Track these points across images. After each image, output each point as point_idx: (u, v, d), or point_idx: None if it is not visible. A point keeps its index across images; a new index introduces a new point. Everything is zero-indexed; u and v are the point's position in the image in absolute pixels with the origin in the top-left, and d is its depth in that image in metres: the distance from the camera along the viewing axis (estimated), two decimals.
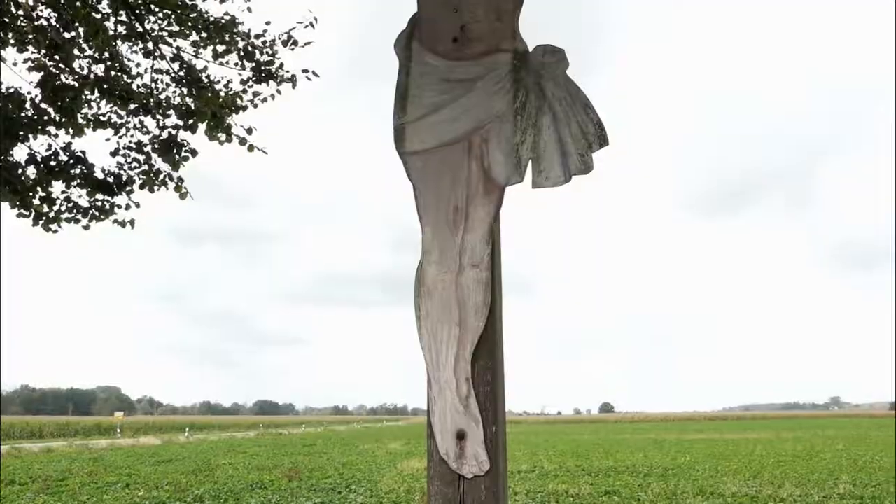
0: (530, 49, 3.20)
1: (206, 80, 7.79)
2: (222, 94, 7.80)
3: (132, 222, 7.68)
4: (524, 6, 3.33)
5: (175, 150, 7.63)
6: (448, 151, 3.18)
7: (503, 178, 3.09)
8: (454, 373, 2.94)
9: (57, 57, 7.11)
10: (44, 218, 7.22)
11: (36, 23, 7.04)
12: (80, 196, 7.40)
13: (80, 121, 7.38)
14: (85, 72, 7.40)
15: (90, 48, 7.42)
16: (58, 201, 7.30)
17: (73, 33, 7.14)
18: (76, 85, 7.29)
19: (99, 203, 7.45)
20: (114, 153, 7.70)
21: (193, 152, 7.80)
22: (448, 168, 3.16)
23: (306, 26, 8.12)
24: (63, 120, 7.16)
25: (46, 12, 7.26)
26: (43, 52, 7.23)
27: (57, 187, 7.27)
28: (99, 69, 7.50)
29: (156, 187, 7.71)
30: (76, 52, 7.22)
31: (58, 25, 7.07)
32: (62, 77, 7.26)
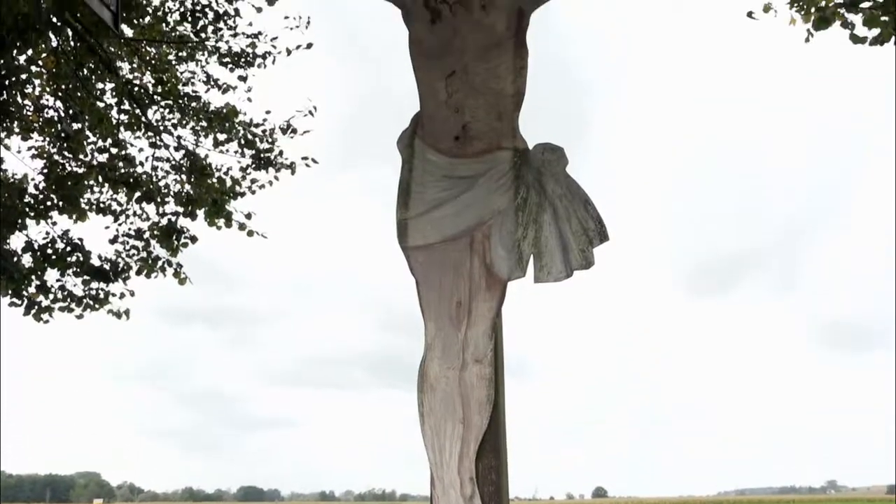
0: (530, 147, 3.31)
1: (207, 168, 7.95)
2: (222, 180, 7.94)
3: (127, 312, 7.67)
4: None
5: (175, 237, 7.71)
6: (450, 247, 3.23)
7: (505, 273, 3.14)
8: (458, 472, 2.90)
9: (65, 146, 7.25)
10: (35, 307, 7.21)
11: (43, 113, 7.22)
12: (75, 285, 7.41)
13: (83, 206, 7.47)
14: (89, 158, 7.54)
15: (94, 135, 7.57)
16: (52, 290, 7.31)
17: (82, 124, 7.30)
18: (80, 172, 7.41)
19: (93, 292, 7.48)
20: (112, 240, 7.77)
21: (193, 239, 7.89)
22: (450, 263, 3.21)
23: (305, 115, 8.35)
24: (65, 206, 7.25)
25: (52, 101, 7.46)
26: (47, 139, 7.38)
27: (51, 275, 7.30)
28: (103, 157, 7.65)
29: (154, 274, 7.75)
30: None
31: (66, 117, 7.23)
32: (67, 165, 7.40)
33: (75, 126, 7.19)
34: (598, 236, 3.10)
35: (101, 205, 7.82)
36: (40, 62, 7.21)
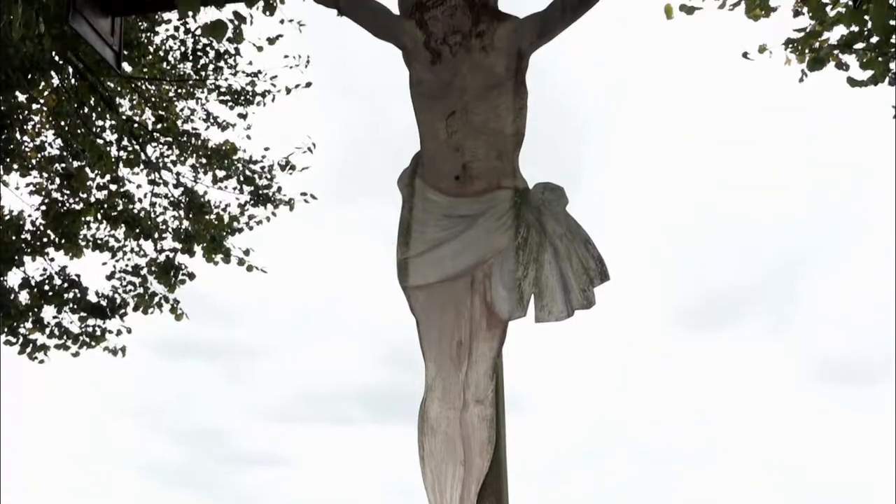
0: (530, 186, 3.31)
1: (206, 205, 7.95)
2: (221, 217, 7.94)
3: (123, 349, 7.61)
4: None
5: (172, 273, 7.70)
6: (451, 286, 3.21)
7: (506, 312, 3.11)
8: None
9: (66, 184, 7.28)
10: (31, 346, 7.15)
11: (44, 150, 7.26)
12: (72, 322, 7.37)
13: (80, 242, 7.46)
14: (87, 196, 7.55)
15: (92, 172, 7.60)
16: (49, 326, 7.26)
17: (83, 162, 7.33)
18: (79, 209, 7.42)
19: (90, 329, 7.43)
20: (109, 276, 7.74)
21: (191, 275, 7.87)
22: (451, 303, 3.19)
23: (304, 151, 8.38)
24: (62, 242, 7.24)
25: (52, 138, 7.50)
26: (46, 176, 7.41)
27: (48, 312, 7.25)
28: (102, 194, 7.67)
29: (151, 310, 7.71)
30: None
31: (68, 155, 7.27)
32: (66, 202, 7.41)
33: (76, 164, 7.22)
34: (598, 276, 3.09)
35: (98, 241, 7.81)
36: (41, 100, 7.26)
